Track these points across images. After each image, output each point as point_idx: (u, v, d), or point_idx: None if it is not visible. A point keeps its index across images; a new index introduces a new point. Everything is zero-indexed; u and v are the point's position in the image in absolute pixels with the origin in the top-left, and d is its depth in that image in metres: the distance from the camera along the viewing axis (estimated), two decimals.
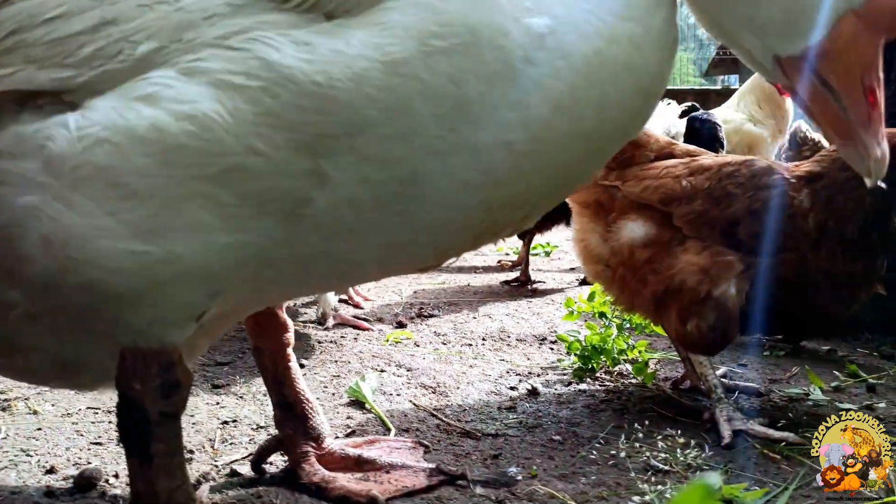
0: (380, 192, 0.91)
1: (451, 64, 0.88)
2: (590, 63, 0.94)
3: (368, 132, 0.87)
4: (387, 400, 1.93)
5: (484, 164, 0.93)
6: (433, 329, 2.78)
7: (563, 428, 1.76)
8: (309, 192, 0.89)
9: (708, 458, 1.55)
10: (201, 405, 1.84)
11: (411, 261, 1.12)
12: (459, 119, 0.90)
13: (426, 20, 0.87)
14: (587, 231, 1.99)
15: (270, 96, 0.84)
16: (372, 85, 0.86)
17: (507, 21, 0.90)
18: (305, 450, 1.43)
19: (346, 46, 0.86)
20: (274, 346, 1.47)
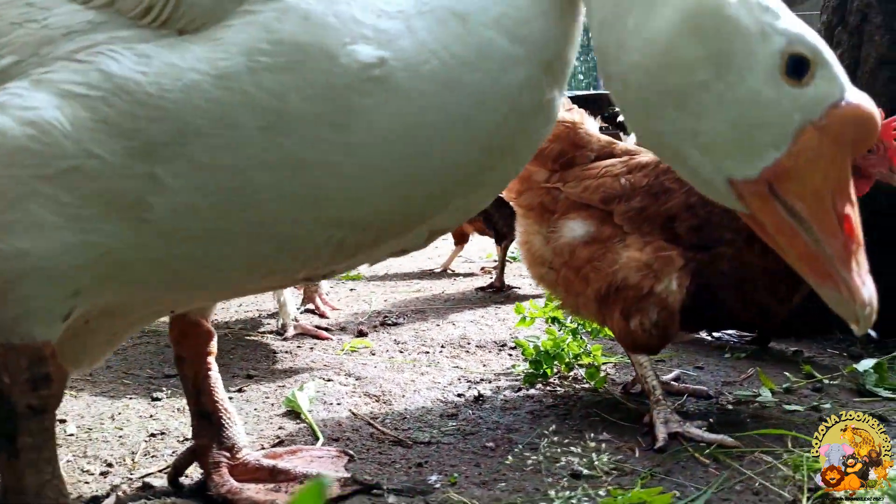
0: (215, 200, 0.95)
1: (276, 80, 0.92)
2: (416, 105, 0.94)
3: (198, 141, 0.92)
4: (325, 409, 1.90)
5: (310, 181, 0.96)
6: (394, 337, 2.75)
7: (499, 434, 1.73)
8: (146, 197, 0.94)
9: (635, 461, 1.51)
10: (133, 417, 1.82)
11: (278, 272, 1.12)
12: (283, 134, 0.93)
13: (258, 38, 0.92)
14: (531, 234, 1.97)
15: (107, 105, 0.92)
16: (200, 96, 0.91)
17: (337, 46, 0.93)
18: (218, 460, 1.40)
19: (181, 60, 0.92)
20: (194, 355, 1.45)
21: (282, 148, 0.93)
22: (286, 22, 0.93)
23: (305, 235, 1.02)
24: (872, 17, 2.78)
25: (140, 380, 2.18)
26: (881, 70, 2.74)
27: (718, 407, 1.90)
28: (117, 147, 0.91)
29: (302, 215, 0.99)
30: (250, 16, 0.94)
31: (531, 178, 1.94)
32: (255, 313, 3.24)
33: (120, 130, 0.91)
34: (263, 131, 0.92)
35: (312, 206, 0.98)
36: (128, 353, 2.50)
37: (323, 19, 0.93)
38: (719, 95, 0.86)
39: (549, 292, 2.03)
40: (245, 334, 2.82)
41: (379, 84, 0.93)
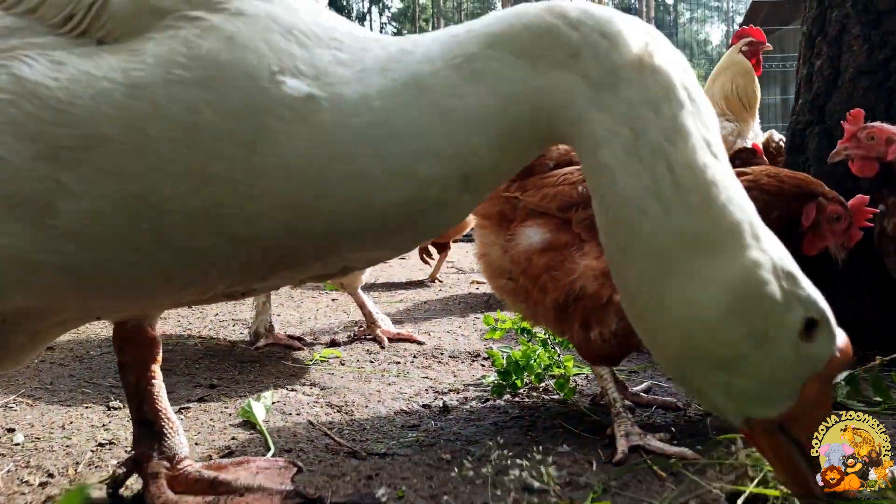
0: (120, 206, 0.94)
1: (190, 93, 0.93)
2: (329, 148, 0.95)
3: (104, 147, 0.92)
4: (283, 419, 1.86)
5: (212, 195, 0.95)
6: (366, 347, 2.71)
7: (458, 446, 1.68)
8: (52, 200, 0.93)
9: (591, 475, 1.47)
10: (84, 427, 1.78)
11: (193, 284, 1.08)
12: (191, 146, 0.93)
13: (177, 52, 0.94)
14: (488, 245, 1.92)
15: (14, 107, 0.92)
16: (109, 104, 0.92)
17: (261, 69, 0.94)
18: (157, 470, 1.36)
19: (94, 68, 0.94)
20: (137, 362, 1.42)
21: (188, 159, 0.93)
22: (207, 39, 0.95)
23: (210, 249, 1.00)
24: (851, 28, 2.76)
25: (101, 389, 2.14)
26: (860, 79, 2.72)
27: (686, 419, 1.86)
28: (23, 150, 0.91)
29: (203, 228, 0.98)
30: (172, 30, 0.96)
31: None
32: (229, 322, 3.20)
33: (26, 133, 0.91)
34: (172, 142, 0.93)
35: (213, 220, 0.97)
36: (93, 362, 2.46)
37: (249, 42, 0.95)
38: (756, 362, 0.97)
39: (510, 303, 1.99)
40: (215, 343, 2.78)
41: (299, 117, 0.94)
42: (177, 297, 1.12)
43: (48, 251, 0.96)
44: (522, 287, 1.82)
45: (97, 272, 1.00)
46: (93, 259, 0.98)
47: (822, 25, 2.85)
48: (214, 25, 0.95)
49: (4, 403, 1.96)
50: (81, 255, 0.97)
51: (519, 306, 1.91)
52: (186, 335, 2.93)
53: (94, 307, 1.18)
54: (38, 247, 0.95)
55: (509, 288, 1.88)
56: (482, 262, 1.93)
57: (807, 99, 2.88)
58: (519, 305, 1.90)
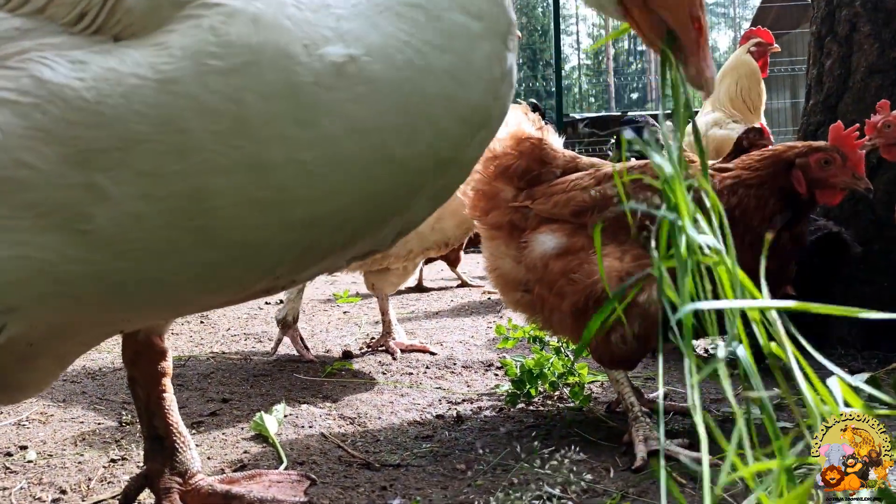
0: (163, 207, 0.90)
1: (228, 83, 0.89)
2: (398, 91, 0.95)
3: (141, 147, 0.88)
4: (295, 432, 1.84)
5: (274, 181, 0.92)
6: (378, 359, 2.69)
7: (472, 456, 1.66)
8: (87, 207, 0.89)
9: (609, 482, 1.44)
10: (96, 443, 1.77)
11: (235, 283, 1.05)
12: (240, 136, 0.90)
13: (205, 41, 0.90)
14: (499, 257, 1.90)
15: (40, 112, 0.87)
16: (142, 101, 0.87)
17: (294, 44, 0.92)
18: (169, 485, 1.34)
19: (120, 64, 0.89)
20: (147, 376, 1.40)
21: (239, 150, 0.89)
22: (234, 24, 0.91)
23: (267, 240, 0.96)
24: (861, 27, 2.74)
25: (113, 405, 2.13)
26: (872, 78, 2.70)
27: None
28: (52, 155, 0.86)
29: (265, 219, 0.94)
30: (194, 20, 0.91)
31: (498, 196, 1.89)
32: (241, 336, 3.19)
33: (54, 138, 0.86)
34: (216, 135, 0.89)
35: (277, 207, 0.93)
36: (105, 379, 2.45)
37: (275, 21, 0.92)
38: None
39: (526, 316, 1.96)
40: (226, 357, 2.77)
41: (352, 79, 0.92)
42: (212, 299, 1.08)
43: (79, 261, 0.92)
44: (538, 296, 1.80)
45: (132, 280, 0.96)
46: (128, 266, 0.94)
47: (831, 25, 2.83)
48: (237, 9, 0.91)
49: (17, 421, 1.96)
50: (114, 262, 0.93)
51: (535, 318, 1.89)
52: (198, 350, 2.93)
53: (120, 319, 1.14)
54: (71, 257, 0.91)
55: (525, 301, 1.86)
56: (494, 276, 1.91)
57: (818, 100, 2.85)
58: (535, 317, 1.88)
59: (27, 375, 1.17)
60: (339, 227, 1.00)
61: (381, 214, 1.04)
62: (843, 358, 2.53)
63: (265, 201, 0.93)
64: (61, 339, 1.16)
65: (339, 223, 0.99)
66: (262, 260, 1.00)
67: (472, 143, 1.05)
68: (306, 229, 0.97)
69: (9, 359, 1.06)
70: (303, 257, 1.03)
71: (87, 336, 1.22)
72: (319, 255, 1.05)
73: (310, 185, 0.94)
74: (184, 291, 1.03)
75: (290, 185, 0.93)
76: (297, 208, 0.95)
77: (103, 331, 1.26)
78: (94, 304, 1.01)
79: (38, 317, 1.00)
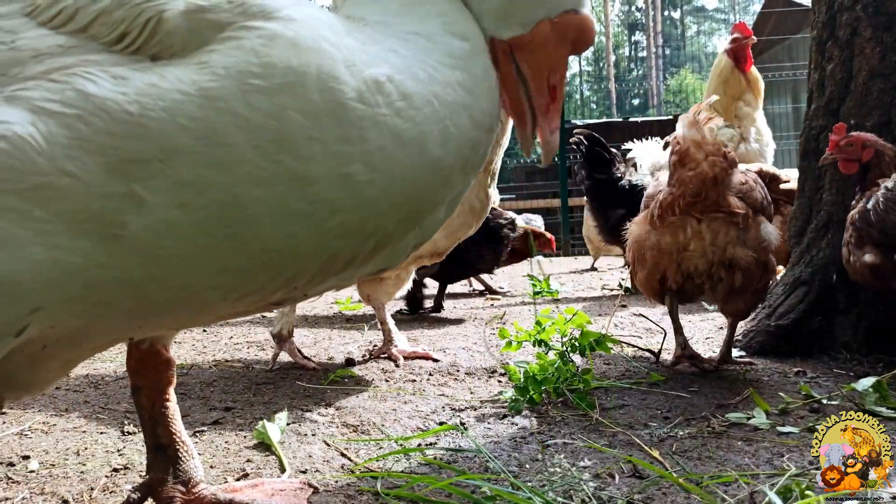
0: (200, 216, 0.95)
1: (270, 102, 0.95)
2: (430, 103, 1.06)
3: (182, 158, 0.93)
4: (298, 440, 1.83)
5: (315, 194, 0.98)
6: (381, 366, 2.69)
7: (476, 464, 1.65)
8: (124, 215, 0.93)
9: (615, 488, 1.43)
10: (99, 452, 1.76)
11: (257, 291, 1.08)
12: (282, 151, 0.96)
13: (247, 62, 0.96)
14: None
15: (84, 123, 0.92)
16: (185, 115, 0.93)
17: (338, 67, 1.00)
18: (172, 495, 1.34)
19: (161, 80, 0.94)
20: (152, 385, 1.40)
21: (281, 165, 0.96)
22: (275, 47, 0.97)
23: (296, 248, 1.02)
24: (862, 31, 2.74)
25: (115, 414, 2.12)
26: (873, 82, 2.69)
27: (710, 430, 1.82)
28: (93, 165, 0.91)
29: (300, 228, 1.00)
30: (235, 41, 0.97)
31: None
32: (243, 344, 3.18)
33: (96, 148, 0.91)
34: (258, 149, 0.95)
35: (314, 218, 1.00)
36: (108, 388, 2.45)
37: (315, 44, 1.00)
38: None
39: None
40: (229, 366, 2.77)
41: (391, 95, 1.02)
42: (232, 307, 1.11)
43: (112, 267, 0.94)
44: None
45: (159, 287, 0.99)
46: (157, 273, 0.97)
47: (832, 29, 2.83)
48: (277, 33, 0.98)
49: (20, 431, 1.95)
50: (145, 269, 0.96)
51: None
52: (201, 358, 2.92)
53: (138, 325, 1.15)
54: (103, 263, 0.94)
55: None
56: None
57: (820, 104, 2.85)
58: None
59: (34, 377, 1.19)
60: (370, 234, 1.07)
61: (413, 218, 1.12)
62: (848, 362, 2.52)
63: (304, 212, 0.99)
64: (74, 344, 1.17)
65: (371, 230, 1.06)
66: (287, 267, 1.05)
67: (482, 146, 1.16)
68: (339, 238, 1.04)
69: (22, 360, 1.08)
70: (324, 268, 1.08)
71: (98, 342, 1.22)
72: (342, 264, 1.10)
73: (351, 194, 1.00)
74: (207, 298, 1.06)
75: (330, 197, 0.99)
76: (335, 217, 1.01)
77: (115, 337, 1.27)
78: (119, 308, 1.03)
79: (62, 319, 1.02)
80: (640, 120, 11.70)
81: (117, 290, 0.98)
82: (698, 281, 2.32)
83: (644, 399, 2.15)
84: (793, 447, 1.65)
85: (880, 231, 2.20)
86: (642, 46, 43.11)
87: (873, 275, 2.22)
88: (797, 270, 2.77)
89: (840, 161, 2.43)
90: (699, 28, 48.25)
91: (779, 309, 2.75)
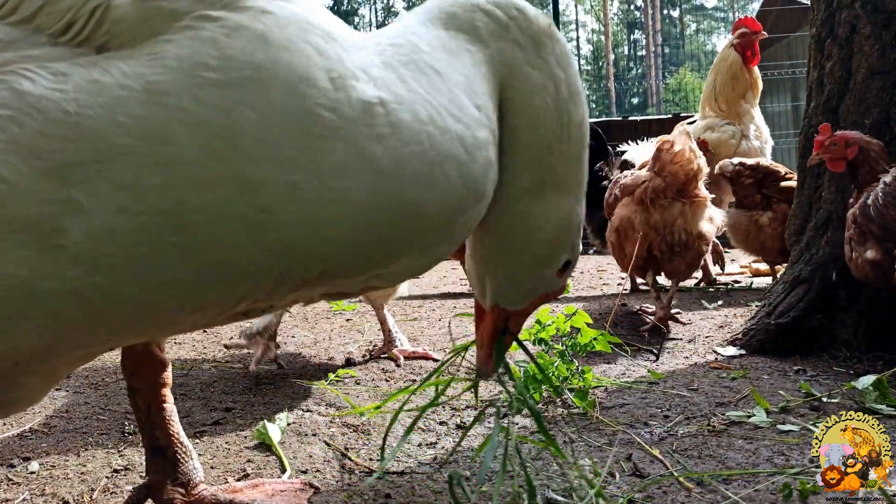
0: (140, 222, 0.88)
1: (223, 96, 0.88)
2: (420, 142, 1.00)
3: (120, 160, 0.86)
4: (299, 440, 1.83)
5: (259, 200, 0.91)
6: (381, 366, 2.68)
7: (477, 463, 1.65)
8: (62, 222, 0.86)
9: (615, 486, 1.43)
10: (99, 453, 1.76)
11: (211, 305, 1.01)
12: (229, 150, 0.88)
13: (203, 53, 0.89)
14: None
15: (17, 125, 0.85)
16: (126, 113, 0.86)
17: (314, 71, 0.93)
18: (172, 497, 1.34)
19: (103, 76, 0.88)
20: (147, 386, 1.40)
21: (227, 165, 0.88)
22: (238, 39, 0.90)
23: (244, 262, 0.94)
24: (861, 29, 2.74)
25: (116, 415, 2.12)
26: (873, 80, 2.69)
27: (710, 428, 1.82)
28: (27, 169, 0.84)
29: (243, 239, 0.92)
30: (192, 31, 0.90)
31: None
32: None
33: (30, 151, 0.84)
34: (203, 148, 0.87)
35: (257, 229, 0.92)
36: (108, 389, 2.44)
37: (288, 43, 0.92)
38: (537, 273, 1.30)
39: None
40: (229, 366, 2.77)
41: (376, 118, 0.96)
42: (192, 319, 1.04)
43: (54, 277, 0.88)
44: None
45: (107, 297, 0.92)
46: (103, 283, 0.90)
47: (831, 27, 2.83)
48: (242, 24, 0.91)
49: (20, 432, 1.95)
50: (90, 278, 0.89)
51: None
52: (201, 359, 2.92)
53: (102, 339, 1.10)
54: (43, 273, 0.88)
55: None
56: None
57: (819, 102, 2.85)
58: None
59: (17, 392, 1.12)
60: (318, 258, 0.98)
61: (372, 257, 1.03)
62: (848, 360, 2.52)
63: (246, 221, 0.91)
64: (46, 358, 1.10)
65: (316, 256, 0.98)
66: (239, 282, 0.97)
67: (468, 213, 1.10)
68: (280, 256, 0.95)
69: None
70: (278, 285, 1.01)
71: (72, 356, 1.16)
72: (294, 285, 1.02)
73: (297, 209, 0.92)
74: (162, 311, 0.99)
75: (275, 206, 0.91)
76: (278, 231, 0.93)
77: (89, 350, 1.22)
78: (71, 322, 0.96)
79: (18, 336, 0.95)
80: (640, 119, 11.70)
81: (65, 302, 0.91)
82: (677, 250, 2.95)
83: (644, 398, 2.14)
84: (793, 445, 1.65)
85: (880, 226, 2.21)
86: (641, 45, 43.10)
87: (875, 271, 2.23)
88: (797, 268, 2.77)
89: (827, 160, 2.49)
90: (698, 27, 48.23)
91: (779, 307, 2.75)
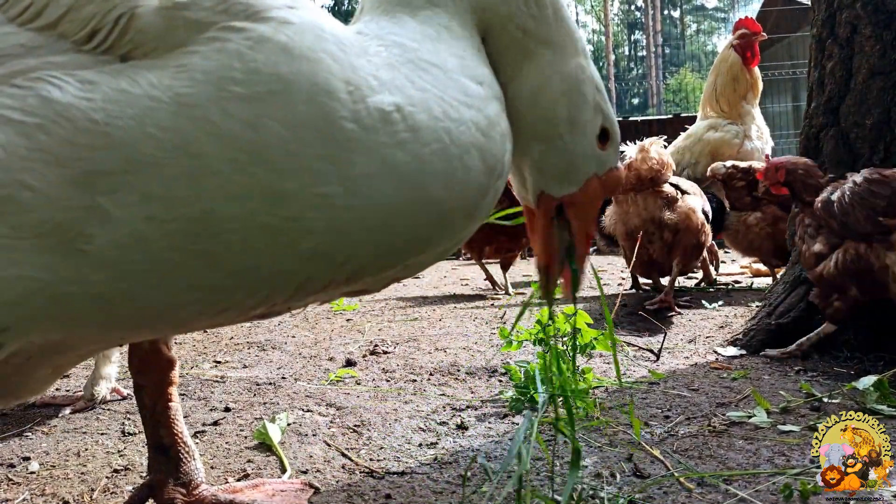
0: (168, 230, 0.89)
1: (250, 111, 0.89)
2: (440, 139, 1.00)
3: (150, 171, 0.87)
4: (299, 441, 1.83)
5: (288, 212, 0.92)
6: (382, 366, 2.69)
7: (477, 463, 1.65)
8: (88, 228, 0.87)
9: (615, 487, 1.43)
10: (100, 453, 1.76)
11: (231, 308, 1.03)
12: (257, 164, 0.90)
13: (229, 66, 0.89)
14: None
15: (44, 133, 0.85)
16: (154, 124, 0.86)
17: (334, 82, 0.94)
18: (173, 496, 1.34)
19: (132, 86, 0.87)
20: (154, 384, 1.40)
21: (255, 178, 0.89)
22: (262, 52, 0.90)
23: (269, 268, 0.95)
24: (862, 29, 2.73)
25: (116, 415, 2.12)
26: (873, 80, 2.69)
27: (710, 428, 1.82)
28: (54, 177, 0.85)
29: (271, 247, 0.93)
30: (219, 42, 0.90)
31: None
32: (244, 345, 3.18)
33: (58, 159, 0.85)
34: (231, 161, 0.88)
35: (286, 237, 0.93)
36: None
37: (311, 54, 0.93)
38: (564, 145, 1.19)
39: None
40: (230, 366, 2.77)
41: (397, 125, 0.96)
42: (212, 321, 1.05)
43: (80, 282, 0.89)
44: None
45: (131, 302, 0.93)
46: (127, 288, 0.91)
47: (832, 27, 2.83)
48: (265, 36, 0.91)
49: (20, 432, 1.95)
50: (113, 284, 0.90)
51: None
52: (201, 358, 2.92)
53: (117, 336, 1.12)
54: (69, 278, 0.88)
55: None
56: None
57: (820, 102, 2.85)
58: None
59: (24, 384, 1.16)
60: (344, 261, 0.99)
61: (395, 255, 1.04)
62: (849, 360, 2.52)
63: (278, 229, 0.92)
64: (59, 354, 1.14)
65: (343, 260, 0.99)
66: (261, 287, 0.98)
67: (491, 192, 1.10)
68: (309, 262, 0.96)
69: (7, 370, 1.06)
70: (301, 288, 1.02)
71: (84, 350, 1.20)
72: (317, 288, 1.04)
73: (326, 217, 0.93)
74: (182, 313, 1.00)
75: (304, 216, 0.92)
76: (307, 239, 0.94)
77: (100, 346, 1.25)
78: (91, 323, 0.98)
79: (35, 335, 0.97)
80: (640, 119, 11.69)
81: (87, 305, 0.93)
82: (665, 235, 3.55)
83: (644, 398, 2.14)
84: (794, 446, 1.65)
85: (841, 223, 2.34)
86: (642, 45, 43.10)
87: (817, 263, 2.43)
88: (797, 269, 2.77)
89: (770, 187, 2.71)
90: (699, 27, 48.21)
91: (779, 308, 2.75)
